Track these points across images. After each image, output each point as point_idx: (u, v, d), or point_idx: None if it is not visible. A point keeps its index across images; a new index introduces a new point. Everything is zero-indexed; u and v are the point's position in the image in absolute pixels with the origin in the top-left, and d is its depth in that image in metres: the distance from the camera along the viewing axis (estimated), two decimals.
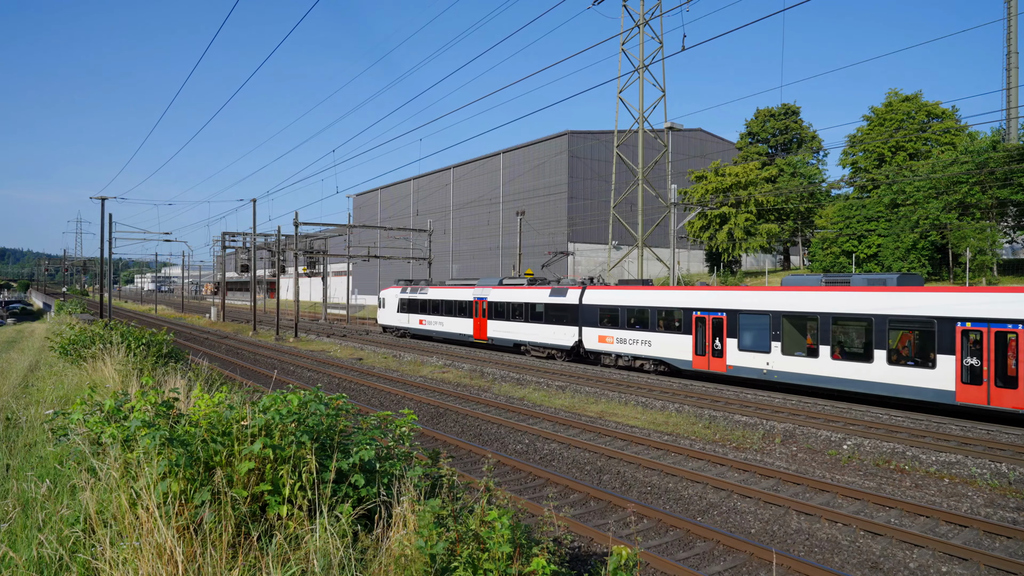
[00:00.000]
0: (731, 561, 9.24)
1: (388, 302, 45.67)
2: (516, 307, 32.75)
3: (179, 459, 4.65)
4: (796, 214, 55.57)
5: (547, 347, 31.17)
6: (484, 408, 20.09)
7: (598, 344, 28.10)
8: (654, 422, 17.81)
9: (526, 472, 13.45)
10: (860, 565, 9.38)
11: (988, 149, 39.13)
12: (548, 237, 56.41)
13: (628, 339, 26.60)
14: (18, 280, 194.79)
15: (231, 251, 69.79)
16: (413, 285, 43.75)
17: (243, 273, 57.10)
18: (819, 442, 15.51)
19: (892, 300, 18.57)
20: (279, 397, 5.33)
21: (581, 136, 56.96)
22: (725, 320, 22.64)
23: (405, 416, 6.11)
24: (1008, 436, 15.46)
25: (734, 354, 22.42)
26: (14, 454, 7.69)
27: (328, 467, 5.00)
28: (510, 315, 33.11)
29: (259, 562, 4.38)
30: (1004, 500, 11.79)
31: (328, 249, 76.57)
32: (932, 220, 37.73)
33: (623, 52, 40.41)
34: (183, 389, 8.65)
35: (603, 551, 9.29)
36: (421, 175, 77.26)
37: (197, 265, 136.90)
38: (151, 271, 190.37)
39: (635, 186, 41.54)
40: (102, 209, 46.16)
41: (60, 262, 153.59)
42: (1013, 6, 42.79)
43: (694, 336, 23.77)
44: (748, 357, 22.03)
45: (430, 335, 41.03)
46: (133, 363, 14.09)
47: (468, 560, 4.49)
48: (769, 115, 60.84)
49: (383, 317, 46.49)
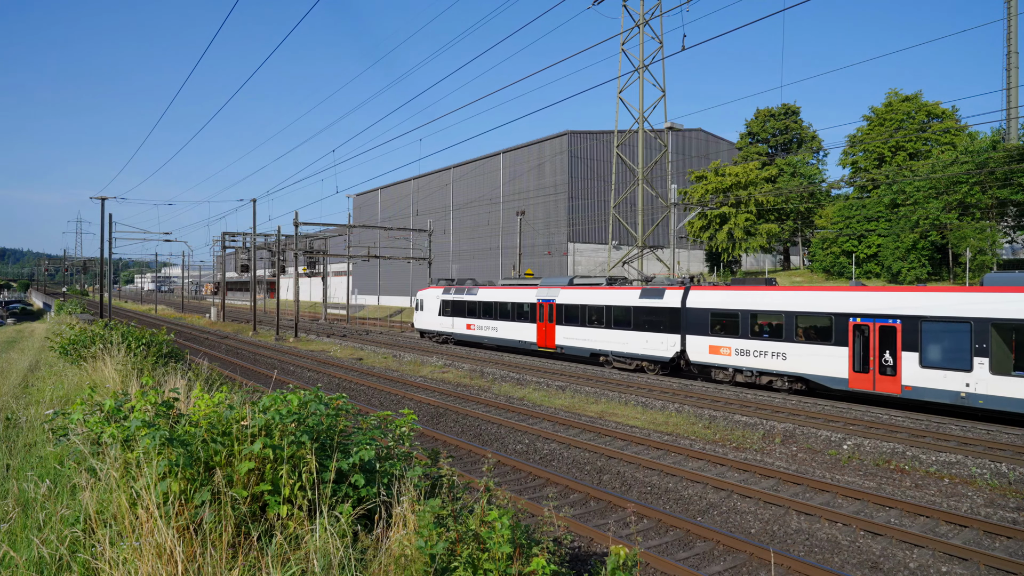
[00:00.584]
0: (731, 561, 9.24)
1: (427, 304, 40.86)
2: (594, 311, 28.33)
3: (179, 459, 4.65)
4: (796, 214, 55.58)
5: (636, 358, 26.67)
6: (484, 408, 20.09)
7: (708, 356, 23.76)
8: (654, 422, 17.81)
9: (526, 472, 13.45)
10: (860, 565, 9.38)
11: (988, 149, 39.14)
12: (548, 237, 56.40)
13: (752, 350, 22.30)
14: (18, 280, 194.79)
15: (231, 251, 69.86)
16: (458, 285, 39.15)
17: (243, 273, 57.13)
18: (819, 442, 15.51)
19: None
20: (279, 397, 5.33)
21: (581, 136, 56.96)
22: (900, 329, 18.46)
23: (405, 416, 6.11)
24: (1008, 436, 15.46)
25: (913, 372, 18.14)
26: (14, 454, 7.69)
27: (328, 467, 5.00)
28: (585, 320, 28.73)
29: (259, 562, 4.38)
30: (1004, 500, 11.79)
31: (328, 249, 76.61)
32: (932, 220, 37.74)
33: (623, 52, 40.41)
34: (183, 389, 8.64)
35: (603, 551, 9.29)
36: (421, 175, 77.26)
37: (197, 265, 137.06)
38: (151, 271, 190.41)
39: (635, 186, 41.54)
40: (102, 209, 46.19)
41: (60, 262, 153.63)
42: (1013, 6, 42.79)
43: (851, 348, 19.48)
44: (936, 376, 17.72)
45: (480, 341, 36.49)
46: (133, 363, 14.08)
47: (468, 560, 4.50)
48: (769, 115, 60.85)
49: (420, 320, 41.65)
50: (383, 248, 67.24)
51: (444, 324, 39.15)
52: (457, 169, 70.64)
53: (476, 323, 36.12)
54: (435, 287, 40.79)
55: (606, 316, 27.81)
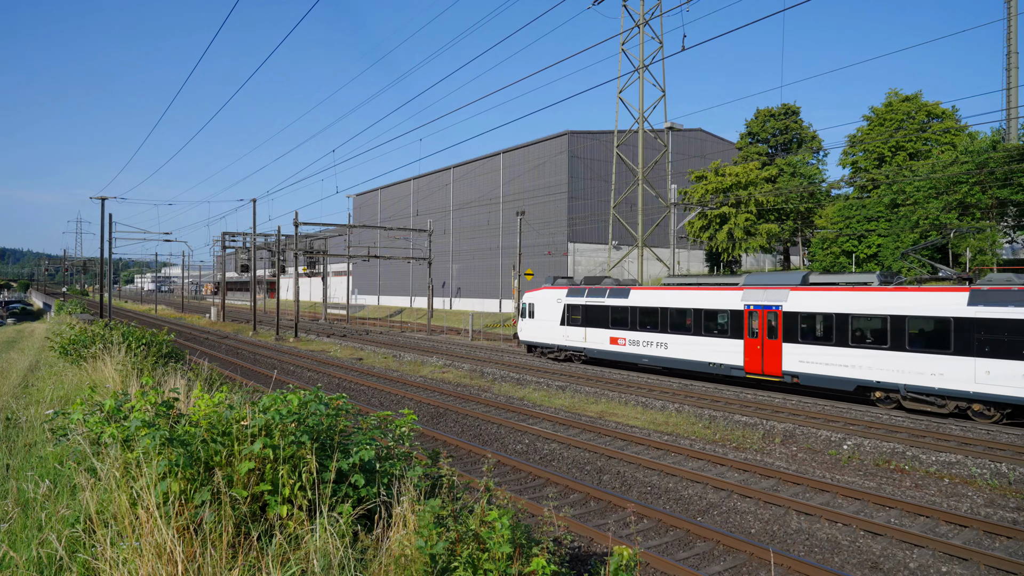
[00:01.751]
0: (731, 561, 9.24)
1: (541, 309, 31.87)
2: (863, 321, 19.62)
3: (179, 459, 4.65)
4: (796, 214, 55.59)
5: (965, 398, 17.37)
6: (484, 408, 20.09)
7: None
8: (654, 422, 17.81)
9: (526, 472, 13.45)
10: (860, 565, 9.38)
11: (988, 149, 39.14)
12: (548, 237, 56.40)
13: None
14: (18, 280, 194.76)
15: (231, 251, 69.88)
16: (592, 285, 30.03)
17: (243, 273, 57.16)
18: (819, 442, 15.51)
19: None
20: (279, 397, 5.33)
21: (581, 136, 56.96)
22: None
23: (405, 416, 6.11)
24: (1008, 436, 15.46)
25: None
26: (14, 454, 7.69)
27: (328, 467, 5.00)
28: (845, 336, 19.95)
29: (259, 562, 4.38)
30: (1004, 500, 11.80)
31: (328, 249, 76.65)
32: (932, 220, 37.75)
33: (623, 52, 40.42)
34: (183, 389, 8.64)
35: (603, 551, 9.29)
36: (421, 175, 77.25)
37: (197, 265, 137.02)
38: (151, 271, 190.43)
39: (635, 186, 41.54)
40: (102, 209, 46.18)
41: (60, 262, 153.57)
42: (1013, 6, 42.79)
43: None
44: None
45: (634, 361, 26.84)
46: (133, 363, 14.08)
47: (468, 560, 4.50)
48: (769, 115, 60.84)
49: (530, 330, 32.71)
50: (383, 248, 67.25)
51: (570, 336, 30.06)
52: (457, 169, 70.64)
53: (627, 336, 27.15)
54: (551, 287, 31.92)
55: (894, 331, 18.82)
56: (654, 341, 25.91)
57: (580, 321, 29.45)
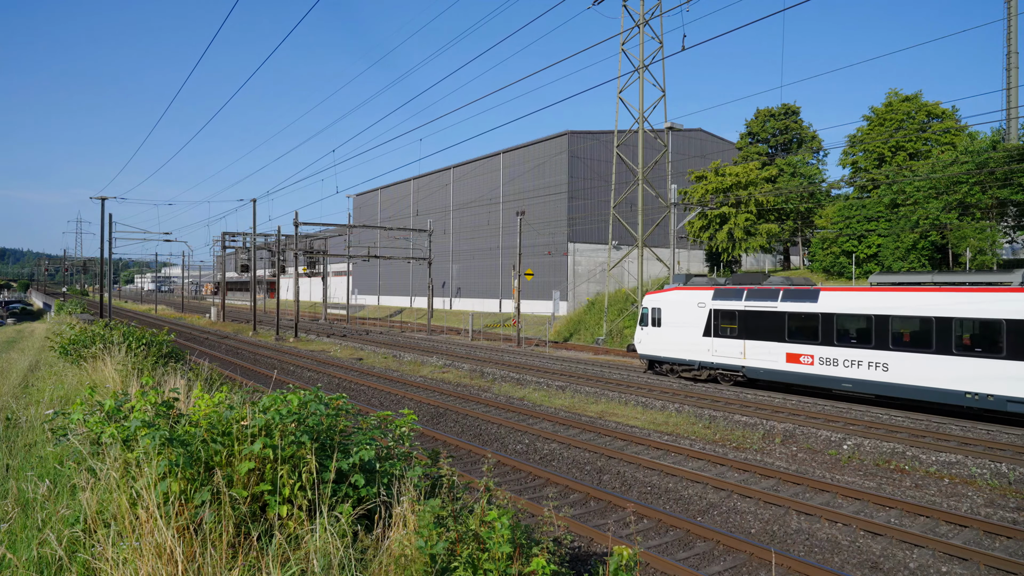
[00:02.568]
0: (731, 561, 9.23)
1: (674, 314, 25.24)
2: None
3: (179, 459, 4.65)
4: (796, 214, 55.61)
5: None
6: (484, 408, 20.09)
7: None
8: (654, 422, 17.81)
9: (526, 472, 13.45)
10: (860, 565, 9.38)
11: (988, 149, 39.15)
12: (548, 237, 56.39)
13: None
14: (18, 280, 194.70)
15: (231, 251, 69.87)
16: (750, 285, 23.37)
17: (243, 273, 57.16)
18: (819, 442, 15.51)
19: None
20: (279, 397, 5.33)
21: (581, 136, 56.95)
22: None
23: (405, 416, 6.11)
24: (1008, 436, 15.46)
25: None
26: (14, 454, 7.69)
27: (328, 467, 5.00)
28: None
29: (259, 562, 4.38)
30: (1004, 500, 11.80)
31: (328, 249, 76.66)
32: (932, 220, 37.76)
33: (623, 52, 40.41)
34: (183, 389, 8.64)
35: (603, 551, 9.29)
36: (421, 175, 77.23)
37: (197, 265, 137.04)
38: (151, 271, 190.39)
39: (635, 186, 41.55)
40: (102, 209, 46.17)
41: (60, 262, 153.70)
42: (1013, 6, 42.78)
43: None
44: None
45: (832, 386, 20.28)
46: (133, 363, 14.08)
47: (468, 560, 4.50)
48: (769, 115, 60.84)
49: (656, 343, 25.97)
50: (383, 248, 67.24)
51: (720, 350, 23.56)
52: (457, 169, 70.62)
53: (815, 352, 20.52)
54: (685, 287, 25.38)
55: None
56: (864, 360, 19.34)
57: (735, 331, 23.02)
